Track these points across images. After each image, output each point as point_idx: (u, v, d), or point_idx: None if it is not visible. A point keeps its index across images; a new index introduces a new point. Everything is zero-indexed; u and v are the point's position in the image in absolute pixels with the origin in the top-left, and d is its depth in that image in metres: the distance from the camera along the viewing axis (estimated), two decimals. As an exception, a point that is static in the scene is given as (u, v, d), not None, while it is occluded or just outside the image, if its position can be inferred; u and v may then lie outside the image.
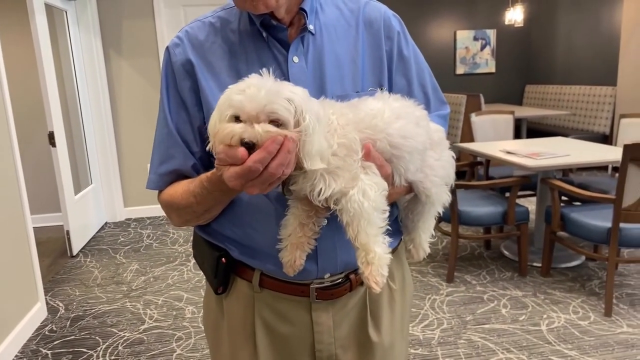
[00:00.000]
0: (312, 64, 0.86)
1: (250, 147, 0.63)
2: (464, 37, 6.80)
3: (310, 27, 0.86)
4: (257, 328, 0.90)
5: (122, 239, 4.08)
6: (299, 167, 0.68)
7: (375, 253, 0.69)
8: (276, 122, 0.65)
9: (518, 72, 7.05)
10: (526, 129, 5.76)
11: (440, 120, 0.95)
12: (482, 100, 5.17)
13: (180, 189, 0.85)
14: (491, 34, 6.84)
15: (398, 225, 0.96)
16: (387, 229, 0.73)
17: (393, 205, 0.93)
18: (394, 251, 0.95)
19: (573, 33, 6.23)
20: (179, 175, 0.88)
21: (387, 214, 0.72)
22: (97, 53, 4.29)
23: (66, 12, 4.04)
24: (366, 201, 0.69)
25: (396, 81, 0.92)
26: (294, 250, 0.77)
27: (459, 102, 5.09)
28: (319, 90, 0.84)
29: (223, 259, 0.89)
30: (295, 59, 0.85)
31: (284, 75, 0.84)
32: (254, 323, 0.90)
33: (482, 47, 6.86)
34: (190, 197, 0.81)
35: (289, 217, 0.77)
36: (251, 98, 0.64)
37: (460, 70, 6.86)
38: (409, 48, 0.93)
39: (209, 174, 0.77)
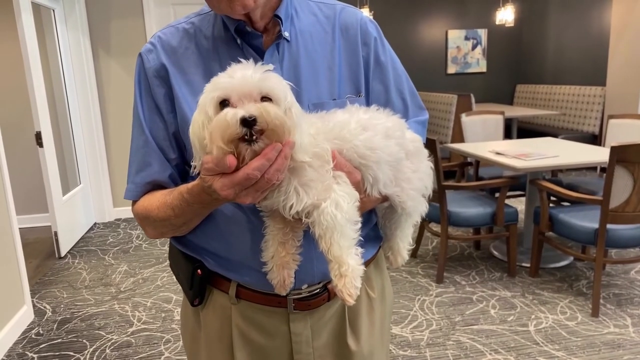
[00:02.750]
0: (288, 71, 0.84)
1: (252, 124, 0.60)
2: (456, 36, 6.81)
3: (286, 34, 0.85)
4: (235, 339, 0.89)
5: (111, 240, 4.05)
6: None
7: (348, 265, 0.68)
8: (268, 101, 0.64)
9: (509, 72, 7.08)
10: (517, 129, 5.79)
11: (418, 127, 0.94)
12: (473, 100, 5.18)
13: (155, 202, 0.82)
14: (482, 33, 6.87)
15: (377, 232, 0.96)
16: (367, 236, 0.72)
17: (371, 212, 0.92)
18: (373, 258, 0.95)
19: (563, 33, 6.26)
20: (156, 186, 0.87)
21: (360, 225, 0.71)
22: (85, 52, 4.24)
23: (54, 10, 3.99)
24: (339, 213, 0.67)
25: (373, 87, 0.90)
26: (280, 271, 0.76)
27: (450, 102, 5.10)
28: (295, 97, 0.83)
29: (198, 270, 0.88)
30: (271, 67, 0.84)
31: None
32: (231, 334, 0.89)
33: (474, 47, 6.88)
34: (168, 209, 0.79)
35: (267, 239, 0.76)
36: (242, 77, 0.62)
37: (451, 69, 6.88)
38: (385, 54, 0.92)
39: (189, 185, 0.75)
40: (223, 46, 0.85)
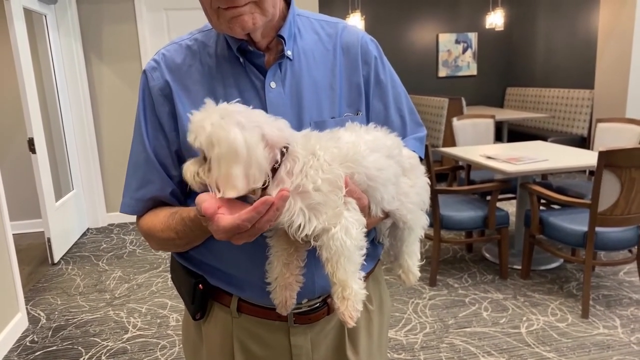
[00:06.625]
0: (290, 89, 0.86)
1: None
2: (446, 40, 6.88)
3: (288, 53, 0.86)
4: (236, 352, 0.91)
5: (104, 246, 4.04)
6: None
7: (352, 289, 0.70)
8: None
9: (499, 75, 7.16)
10: (507, 131, 5.86)
11: (417, 143, 0.96)
12: (464, 103, 5.24)
13: (159, 224, 0.84)
14: (473, 37, 6.94)
15: (375, 247, 0.97)
16: (364, 254, 0.74)
17: None
18: (371, 272, 0.97)
19: (552, 37, 6.35)
20: (157, 202, 0.88)
21: (365, 250, 0.73)
22: (77, 57, 4.23)
23: (45, 16, 3.98)
24: (348, 239, 0.69)
25: (373, 106, 0.92)
26: (283, 292, 0.78)
27: (441, 106, 5.15)
28: (297, 116, 0.85)
29: (200, 285, 0.89)
30: (273, 85, 0.85)
31: (261, 101, 0.85)
32: (233, 347, 0.91)
33: (464, 50, 6.95)
34: (172, 232, 0.82)
35: (271, 260, 0.78)
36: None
37: (442, 73, 6.94)
38: (385, 72, 0.94)
39: (191, 214, 0.78)
40: (226, 64, 0.86)
